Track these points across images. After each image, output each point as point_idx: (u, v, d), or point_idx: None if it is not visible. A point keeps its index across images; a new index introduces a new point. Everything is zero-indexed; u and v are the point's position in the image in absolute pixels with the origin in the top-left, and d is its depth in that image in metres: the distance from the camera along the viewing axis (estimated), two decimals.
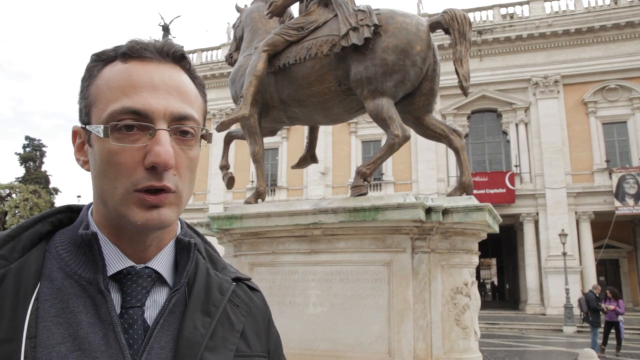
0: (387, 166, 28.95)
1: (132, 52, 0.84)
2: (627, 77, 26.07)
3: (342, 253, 4.15)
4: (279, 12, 5.10)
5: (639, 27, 26.06)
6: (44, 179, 42.05)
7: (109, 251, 0.84)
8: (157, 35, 44.45)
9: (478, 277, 33.40)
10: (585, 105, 26.62)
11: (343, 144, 30.46)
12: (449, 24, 4.48)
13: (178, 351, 0.82)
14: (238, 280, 1.00)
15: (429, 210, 3.86)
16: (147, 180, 0.79)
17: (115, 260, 0.84)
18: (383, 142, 4.46)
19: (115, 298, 0.82)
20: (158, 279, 0.88)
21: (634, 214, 24.78)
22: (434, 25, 4.57)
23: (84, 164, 0.88)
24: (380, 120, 4.36)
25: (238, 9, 6.03)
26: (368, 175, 4.46)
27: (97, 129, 0.81)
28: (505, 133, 28.47)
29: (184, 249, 0.92)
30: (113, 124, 0.79)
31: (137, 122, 0.80)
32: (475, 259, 4.26)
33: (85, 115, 0.85)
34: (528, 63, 27.67)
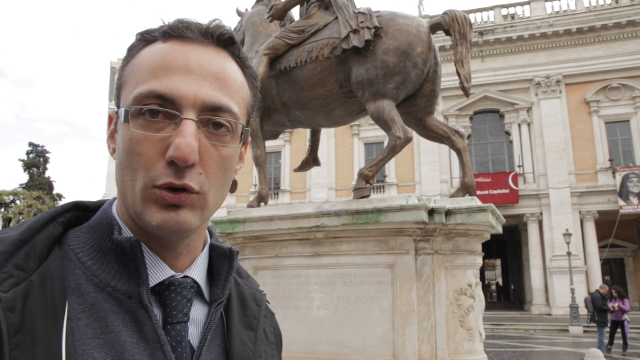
0: (390, 168, 28.94)
1: (173, 31, 0.74)
2: (630, 76, 26.03)
3: (345, 256, 4.15)
4: (280, 15, 5.11)
5: None
6: (47, 185, 42.21)
7: (149, 259, 0.74)
8: None
9: (483, 278, 33.32)
10: (588, 104, 26.57)
11: (346, 146, 30.48)
12: (449, 25, 4.48)
13: None
14: None
15: (432, 212, 3.85)
16: (167, 176, 0.68)
17: (156, 270, 0.74)
18: (386, 145, 4.45)
19: (157, 313, 0.72)
20: (197, 290, 0.78)
21: (638, 212, 24.69)
22: (435, 27, 4.57)
23: (114, 152, 0.77)
24: (382, 122, 4.36)
25: (239, 13, 6.05)
26: (370, 178, 4.46)
27: (120, 113, 0.72)
28: (508, 134, 28.43)
29: (223, 257, 0.82)
30: (137, 108, 0.69)
31: (163, 108, 0.69)
32: (479, 260, 4.25)
33: (117, 97, 0.76)
34: (530, 63, 27.66)
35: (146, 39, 0.76)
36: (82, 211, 0.80)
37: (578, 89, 26.89)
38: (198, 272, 0.79)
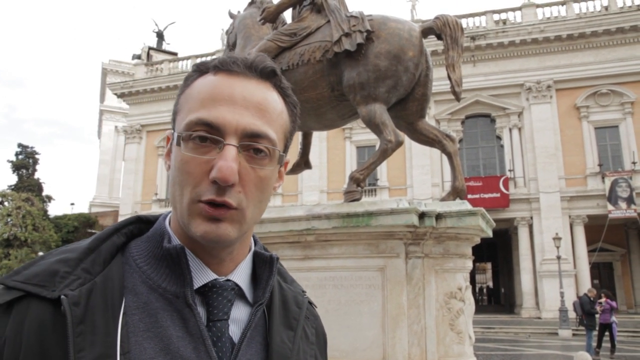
0: (382, 171, 29.01)
1: (222, 65, 0.85)
2: (619, 82, 26.35)
3: (335, 259, 4.14)
4: (272, 18, 5.11)
5: (629, 33, 26.33)
6: (37, 187, 41.76)
7: (193, 264, 0.84)
8: (152, 41, 44.42)
9: (473, 281, 33.46)
10: (578, 110, 26.84)
11: (338, 149, 30.51)
12: (441, 29, 4.50)
13: None
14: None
15: (422, 216, 3.86)
16: (210, 193, 0.79)
17: (200, 273, 0.84)
18: (377, 148, 4.46)
19: (201, 311, 0.82)
20: (238, 292, 0.88)
21: (626, 217, 24.92)
22: (426, 31, 4.59)
23: (169, 168, 0.89)
24: (373, 125, 4.36)
25: (231, 15, 6.04)
26: (361, 181, 4.46)
27: (175, 136, 0.84)
28: (499, 138, 28.63)
29: (264, 263, 0.92)
30: (187, 133, 0.80)
31: (210, 134, 0.80)
32: (469, 264, 4.26)
33: (173, 121, 0.88)
34: (521, 68, 27.89)
35: (200, 70, 0.88)
36: (144, 223, 0.92)
37: (568, 94, 27.14)
38: (240, 276, 0.89)
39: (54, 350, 0.70)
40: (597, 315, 13.82)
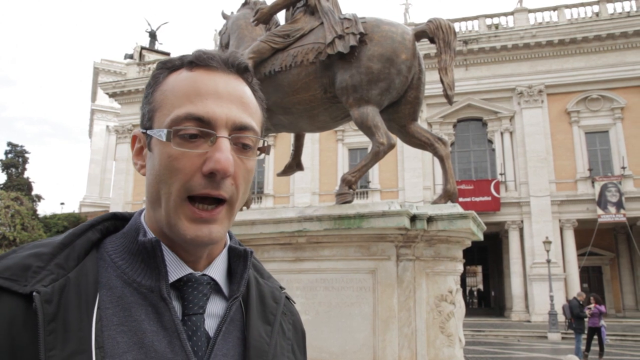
0: (374, 174, 29.05)
1: (199, 61, 0.85)
2: (609, 87, 26.60)
3: (327, 261, 4.14)
4: (265, 19, 5.10)
5: (619, 39, 26.61)
6: (26, 186, 41.37)
7: (169, 258, 0.84)
8: (144, 41, 44.23)
9: (464, 284, 33.58)
10: (569, 114, 27.06)
11: (330, 151, 30.52)
12: (434, 33, 4.52)
13: (248, 359, 0.84)
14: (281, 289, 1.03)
15: (413, 218, 3.86)
16: (203, 187, 0.79)
17: (175, 267, 0.84)
18: (369, 150, 4.46)
19: (176, 305, 0.82)
20: (214, 287, 0.88)
21: (616, 221, 25.15)
22: (419, 34, 4.60)
23: (141, 168, 0.89)
24: (366, 128, 4.37)
25: (224, 16, 6.02)
26: (353, 183, 4.46)
27: (160, 133, 0.82)
28: (490, 142, 28.78)
29: (239, 257, 0.92)
30: (176, 128, 0.80)
31: (200, 128, 0.80)
32: (460, 267, 4.27)
33: (148, 120, 0.86)
34: (513, 73, 28.08)
35: (168, 67, 0.88)
36: (120, 220, 0.92)
37: (559, 99, 27.37)
38: (215, 270, 0.89)
39: (25, 347, 0.68)
40: (586, 319, 13.91)
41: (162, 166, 0.81)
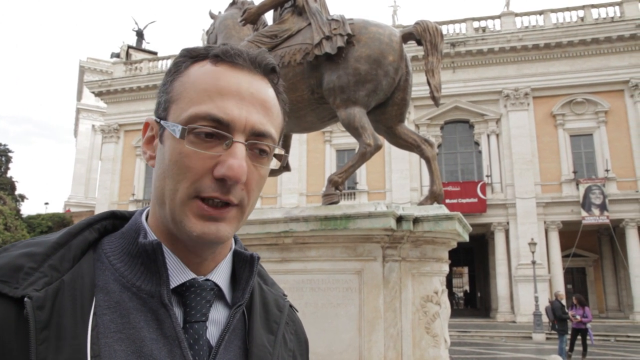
0: (361, 175, 29.12)
1: (225, 56, 0.81)
2: (593, 91, 26.99)
3: (313, 262, 4.13)
4: (253, 19, 5.09)
5: (603, 43, 27.01)
6: (9, 186, 40.73)
7: (171, 261, 0.80)
8: (131, 39, 43.84)
9: (450, 285, 33.78)
10: (554, 117, 27.40)
11: (317, 152, 30.53)
12: (421, 35, 4.53)
13: None
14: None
15: (400, 219, 3.88)
16: (213, 190, 0.75)
17: (178, 272, 0.80)
18: (357, 151, 4.48)
19: (177, 312, 0.78)
20: (217, 293, 0.83)
21: (599, 223, 25.50)
22: (407, 36, 4.62)
23: (150, 159, 0.84)
24: (352, 129, 4.37)
25: (212, 16, 6.00)
26: (340, 184, 4.47)
27: (174, 128, 0.77)
28: (477, 144, 29.02)
29: (244, 263, 0.88)
30: (192, 126, 0.76)
31: (216, 130, 0.76)
32: (446, 268, 4.30)
33: (164, 110, 0.81)
34: (499, 75, 28.35)
35: (192, 56, 0.82)
36: (119, 219, 0.87)
37: (545, 102, 27.70)
38: (219, 276, 0.85)
39: (16, 353, 0.64)
40: (568, 321, 14.06)
41: (172, 162, 0.77)
